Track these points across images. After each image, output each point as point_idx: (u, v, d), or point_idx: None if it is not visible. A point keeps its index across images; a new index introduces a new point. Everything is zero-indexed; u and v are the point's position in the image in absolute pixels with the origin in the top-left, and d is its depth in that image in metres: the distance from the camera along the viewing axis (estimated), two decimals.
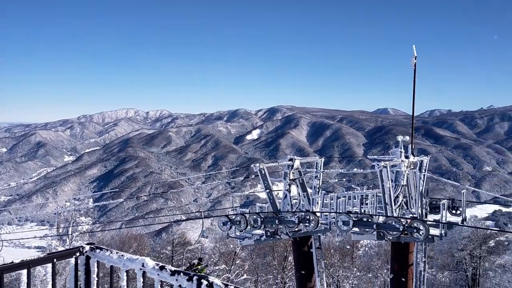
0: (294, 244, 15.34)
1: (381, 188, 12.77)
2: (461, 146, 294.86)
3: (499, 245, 43.55)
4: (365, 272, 39.16)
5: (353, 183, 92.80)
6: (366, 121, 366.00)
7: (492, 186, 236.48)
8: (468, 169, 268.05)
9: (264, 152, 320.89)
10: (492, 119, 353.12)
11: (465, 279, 40.40)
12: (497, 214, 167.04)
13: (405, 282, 13.83)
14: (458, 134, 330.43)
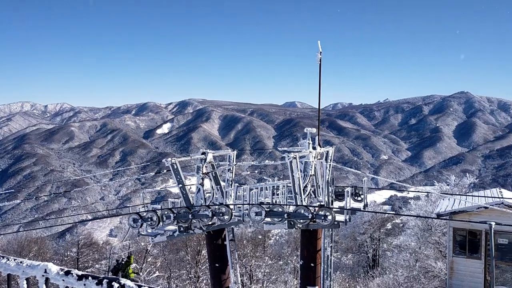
0: (208, 238, 15.32)
1: (291, 179, 13.22)
2: (361, 137, 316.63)
3: (395, 227, 47.67)
4: (276, 260, 40.49)
5: (265, 175, 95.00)
6: (276, 114, 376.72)
7: (388, 173, 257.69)
8: (367, 158, 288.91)
9: (175, 146, 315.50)
10: (388, 112, 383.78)
11: (366, 260, 43.65)
12: (393, 199, 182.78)
13: (314, 267, 14.53)
14: (358, 125, 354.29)
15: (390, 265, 35.38)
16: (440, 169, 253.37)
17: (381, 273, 36.06)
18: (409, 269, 29.21)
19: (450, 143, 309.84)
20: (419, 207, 33.86)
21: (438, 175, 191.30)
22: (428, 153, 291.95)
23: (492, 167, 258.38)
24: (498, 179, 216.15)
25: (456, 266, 16.20)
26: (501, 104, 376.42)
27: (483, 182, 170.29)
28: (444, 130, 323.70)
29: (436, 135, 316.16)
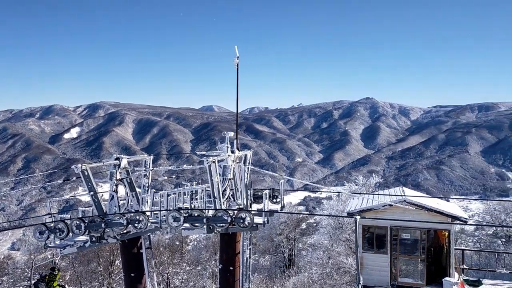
0: (122, 247, 14.68)
1: (210, 183, 13.15)
2: (277, 140, 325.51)
3: (309, 227, 49.57)
4: (195, 265, 40.00)
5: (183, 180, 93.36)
6: (193, 118, 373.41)
7: (302, 175, 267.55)
8: (283, 160, 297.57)
9: (85, 151, 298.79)
10: (302, 116, 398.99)
11: (283, 260, 44.82)
12: (307, 200, 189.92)
13: (233, 270, 14.58)
14: (274, 129, 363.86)
15: (305, 263, 36.65)
16: (349, 170, 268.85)
17: (296, 272, 37.22)
18: (323, 267, 30.49)
19: (357, 145, 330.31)
20: (331, 207, 35.54)
21: (347, 176, 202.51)
22: (339, 155, 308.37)
23: (395, 167, 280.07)
24: (400, 179, 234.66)
25: (365, 261, 17.24)
26: (402, 109, 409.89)
27: (387, 182, 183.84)
28: (352, 134, 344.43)
29: (345, 138, 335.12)
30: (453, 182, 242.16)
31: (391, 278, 16.86)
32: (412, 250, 16.80)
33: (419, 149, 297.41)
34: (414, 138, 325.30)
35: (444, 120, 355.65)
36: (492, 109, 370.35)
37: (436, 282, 16.37)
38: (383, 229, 17.04)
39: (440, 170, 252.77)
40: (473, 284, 16.81)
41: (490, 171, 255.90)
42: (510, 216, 51.17)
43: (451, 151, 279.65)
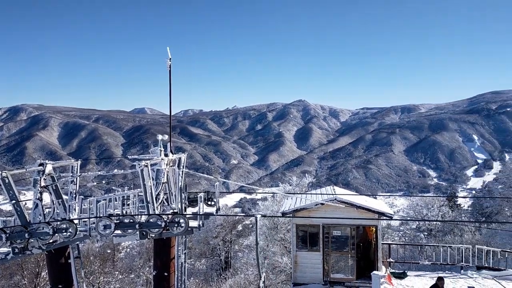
0: (48, 258, 13.83)
1: (143, 187, 12.79)
2: (212, 143, 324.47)
3: (245, 228, 49.84)
4: (128, 273, 38.70)
5: (113, 185, 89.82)
6: (124, 121, 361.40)
7: (238, 176, 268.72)
8: (218, 163, 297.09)
9: (6, 157, 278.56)
10: (236, 118, 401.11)
11: (219, 263, 44.68)
12: (243, 201, 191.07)
13: (167, 276, 14.28)
14: (209, 131, 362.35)
15: (241, 265, 36.80)
16: (283, 171, 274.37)
17: (233, 274, 37.25)
18: None
19: (291, 146, 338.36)
20: (266, 207, 36.02)
21: (282, 177, 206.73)
22: (273, 156, 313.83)
23: (326, 167, 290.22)
24: (331, 178, 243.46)
25: (300, 260, 17.69)
26: (332, 111, 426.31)
27: (319, 181, 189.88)
28: (286, 135, 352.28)
29: (279, 139, 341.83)
30: (379, 180, 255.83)
31: (323, 274, 17.44)
32: (343, 246, 17.50)
33: (349, 149, 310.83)
34: (343, 139, 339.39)
35: (371, 122, 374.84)
36: (413, 110, 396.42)
37: (365, 276, 17.17)
38: (315, 227, 17.58)
39: (368, 169, 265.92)
40: (399, 276, 17.84)
41: (413, 169, 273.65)
42: (431, 210, 54.92)
43: (378, 151, 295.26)
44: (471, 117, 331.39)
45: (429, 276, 18.38)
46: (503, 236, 41.68)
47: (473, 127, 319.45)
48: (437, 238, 47.96)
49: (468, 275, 18.50)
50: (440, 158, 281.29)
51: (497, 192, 61.31)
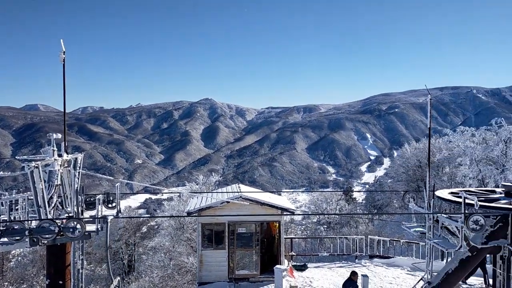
0: None
1: (33, 190, 11.77)
2: (114, 142, 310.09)
3: (150, 230, 48.46)
4: (19, 283, 35.47)
5: (1, 188, 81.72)
6: (14, 118, 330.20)
7: (143, 177, 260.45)
8: (121, 163, 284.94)
9: None
10: (141, 116, 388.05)
11: (122, 267, 42.89)
12: (148, 202, 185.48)
13: (62, 285, 13.32)
14: (111, 130, 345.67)
15: (146, 268, 35.76)
16: (190, 170, 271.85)
17: (137, 277, 36.04)
18: (164, 269, 30.19)
19: (198, 145, 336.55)
20: (172, 207, 35.45)
21: (189, 176, 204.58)
22: (180, 155, 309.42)
23: (233, 165, 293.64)
24: (238, 176, 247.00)
25: (205, 258, 17.65)
26: (239, 110, 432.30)
27: (226, 179, 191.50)
28: (193, 134, 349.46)
29: (186, 138, 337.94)
30: (284, 176, 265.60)
31: (229, 272, 17.60)
32: (248, 243, 17.82)
33: (255, 148, 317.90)
34: (250, 137, 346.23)
35: (276, 120, 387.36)
36: (314, 110, 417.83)
37: (269, 270, 17.67)
38: (221, 225, 17.68)
39: (273, 166, 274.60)
40: (300, 269, 18.67)
41: (314, 166, 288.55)
42: (330, 204, 58.23)
43: (282, 149, 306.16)
44: (365, 117, 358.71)
45: (327, 267, 19.51)
46: (392, 226, 45.70)
47: (366, 126, 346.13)
48: (335, 230, 51.06)
49: (362, 264, 19.97)
50: (338, 155, 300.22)
51: (387, 186, 67.09)
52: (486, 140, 41.19)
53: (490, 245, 8.88)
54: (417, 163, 55.58)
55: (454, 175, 45.60)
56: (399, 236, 31.13)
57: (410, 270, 18.97)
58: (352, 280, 12.48)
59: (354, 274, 12.77)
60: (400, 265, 19.65)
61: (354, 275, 12.67)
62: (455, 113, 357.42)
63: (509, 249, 8.82)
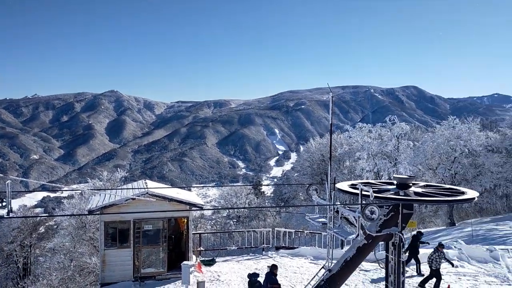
0: None
1: None
2: (7, 136, 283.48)
3: (49, 230, 45.12)
4: None
5: None
6: None
7: (40, 173, 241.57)
8: (15, 158, 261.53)
9: None
10: (38, 108, 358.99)
11: (16, 271, 39.45)
12: (45, 200, 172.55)
13: None
14: (3, 123, 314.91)
15: (43, 270, 33.27)
16: (94, 165, 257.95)
17: (33, 281, 33.41)
18: (64, 270, 28.37)
19: (102, 140, 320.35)
20: (73, 206, 33.31)
21: (92, 172, 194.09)
22: (82, 150, 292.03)
23: (141, 160, 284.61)
24: (146, 172, 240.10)
25: (108, 258, 16.81)
26: (147, 103, 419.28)
27: (134, 175, 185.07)
28: (97, 127, 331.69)
29: (89, 132, 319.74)
30: (194, 172, 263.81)
31: (134, 271, 16.98)
32: (154, 240, 17.34)
33: (164, 142, 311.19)
34: (159, 132, 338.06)
35: (186, 115, 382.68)
36: (225, 105, 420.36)
37: (176, 267, 17.37)
38: (126, 223, 16.98)
39: (183, 161, 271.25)
40: (208, 263, 18.64)
41: (224, 161, 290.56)
42: (239, 198, 59.07)
43: (192, 144, 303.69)
44: (274, 113, 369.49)
45: (235, 260, 19.73)
46: (297, 218, 47.69)
47: (275, 121, 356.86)
48: (244, 224, 51.96)
49: (268, 255, 20.52)
50: (248, 150, 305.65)
51: (293, 179, 69.78)
52: (381, 136, 44.62)
53: (383, 233, 9.60)
54: (321, 157, 58.59)
55: (353, 168, 48.80)
56: (304, 227, 32.58)
57: (313, 259, 19.92)
58: (273, 273, 12.24)
59: (275, 268, 12.50)
60: (304, 255, 20.53)
61: (275, 268, 12.44)
62: (355, 110, 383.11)
63: (399, 236, 9.60)
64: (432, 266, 15.14)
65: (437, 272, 15.08)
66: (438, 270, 15.08)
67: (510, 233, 28.68)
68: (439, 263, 15.07)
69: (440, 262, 15.08)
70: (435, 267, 15.07)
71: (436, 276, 15.10)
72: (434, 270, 15.13)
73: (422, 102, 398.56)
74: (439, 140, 39.29)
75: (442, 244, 15.82)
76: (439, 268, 15.14)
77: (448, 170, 38.52)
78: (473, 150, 38.41)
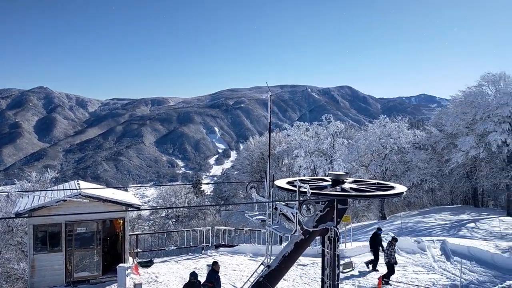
0: None
1: None
2: None
3: None
4: None
5: None
6: None
7: None
8: None
9: None
10: None
11: None
12: None
13: None
14: None
15: None
16: (21, 166, 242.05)
17: None
18: None
19: (31, 138, 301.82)
20: None
21: (19, 173, 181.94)
22: (8, 150, 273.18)
23: (73, 160, 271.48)
24: (79, 172, 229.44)
25: (38, 263, 15.87)
26: (79, 100, 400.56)
27: (65, 176, 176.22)
28: (25, 126, 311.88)
29: (16, 131, 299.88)
30: (131, 171, 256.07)
31: (66, 275, 16.19)
32: (88, 243, 16.62)
33: (98, 141, 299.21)
34: (93, 130, 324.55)
35: (122, 113, 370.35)
36: (163, 103, 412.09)
37: (112, 270, 16.80)
38: (57, 226, 16.13)
39: (119, 161, 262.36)
40: (146, 265, 18.21)
41: (163, 160, 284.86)
42: (179, 198, 58.24)
43: (129, 142, 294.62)
44: (213, 111, 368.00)
45: (174, 261, 19.44)
46: (237, 216, 47.91)
47: (214, 120, 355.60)
48: (183, 223, 51.37)
49: (208, 254, 20.44)
50: (187, 148, 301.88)
51: (233, 178, 69.95)
52: (318, 134, 46.00)
53: (320, 228, 9.89)
54: (260, 155, 59.28)
55: (292, 166, 49.90)
56: (244, 225, 32.81)
57: (252, 256, 20.11)
58: (215, 270, 12.22)
59: (215, 264, 12.46)
60: (244, 252, 20.67)
61: (215, 265, 12.40)
62: (293, 109, 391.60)
63: (335, 230, 9.94)
64: (390, 260, 15.66)
65: (392, 265, 15.68)
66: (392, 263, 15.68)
67: (435, 225, 30.75)
68: (393, 256, 15.67)
69: (394, 255, 15.70)
70: (391, 260, 15.64)
71: (392, 269, 15.72)
72: (390, 264, 15.68)
73: (355, 101, 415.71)
74: (371, 138, 41.20)
75: (396, 238, 16.46)
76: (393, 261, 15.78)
77: (379, 166, 40.49)
78: (402, 147, 40.71)
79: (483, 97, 36.55)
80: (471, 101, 37.11)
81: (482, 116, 35.27)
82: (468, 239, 23.80)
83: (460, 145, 35.99)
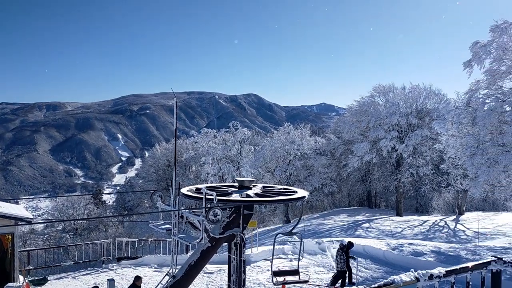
0: None
1: None
2: None
3: None
4: None
5: None
6: None
7: None
8: None
9: None
10: None
11: None
12: None
13: None
14: None
15: None
16: None
17: None
18: None
19: None
20: None
21: None
22: None
23: None
24: None
25: None
26: None
27: None
28: None
29: None
30: (22, 182, 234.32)
31: None
32: None
33: None
34: None
35: (12, 118, 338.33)
36: (59, 108, 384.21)
37: None
38: None
39: (8, 170, 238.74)
40: (39, 283, 16.67)
41: (59, 169, 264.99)
42: (77, 210, 54.60)
43: (20, 151, 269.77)
44: (116, 117, 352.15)
45: (71, 276, 18.09)
46: (142, 226, 46.21)
47: (117, 126, 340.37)
48: (83, 236, 48.22)
49: (109, 268, 19.35)
50: (86, 156, 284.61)
51: (138, 186, 67.46)
52: (225, 141, 46.29)
53: (226, 234, 9.87)
54: (167, 163, 58.04)
55: (199, 173, 49.53)
56: (148, 235, 31.72)
57: (157, 267, 19.46)
58: (136, 285, 12.03)
59: (138, 279, 12.27)
60: (148, 264, 19.93)
61: (137, 280, 12.22)
62: (201, 116, 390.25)
63: (241, 236, 10.00)
64: (339, 267, 15.36)
65: (343, 272, 15.53)
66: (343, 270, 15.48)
67: (334, 226, 32.59)
68: (343, 263, 15.36)
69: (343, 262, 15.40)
70: (340, 267, 15.36)
71: (343, 275, 15.55)
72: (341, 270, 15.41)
73: (262, 109, 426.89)
74: (276, 145, 42.58)
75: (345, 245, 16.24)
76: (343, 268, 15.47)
77: (284, 172, 41.94)
78: (305, 153, 42.65)
79: (375, 107, 39.85)
80: (365, 110, 40.24)
81: (374, 124, 38.39)
82: (363, 238, 25.61)
83: (355, 151, 38.74)
